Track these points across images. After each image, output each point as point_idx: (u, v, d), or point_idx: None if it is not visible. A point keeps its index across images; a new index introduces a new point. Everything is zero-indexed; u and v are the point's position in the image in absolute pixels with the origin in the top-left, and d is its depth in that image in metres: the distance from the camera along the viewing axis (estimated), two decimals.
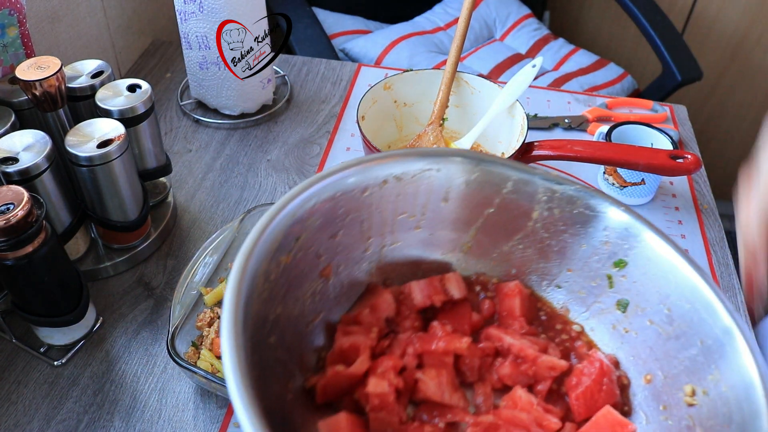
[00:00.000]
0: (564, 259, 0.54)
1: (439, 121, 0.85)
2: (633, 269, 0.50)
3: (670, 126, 1.01)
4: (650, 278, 0.49)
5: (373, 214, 0.51)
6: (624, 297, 0.51)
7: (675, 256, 0.48)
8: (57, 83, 0.65)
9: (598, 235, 0.51)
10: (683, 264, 0.47)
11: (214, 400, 0.64)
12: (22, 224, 0.55)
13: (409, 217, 0.53)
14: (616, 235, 0.50)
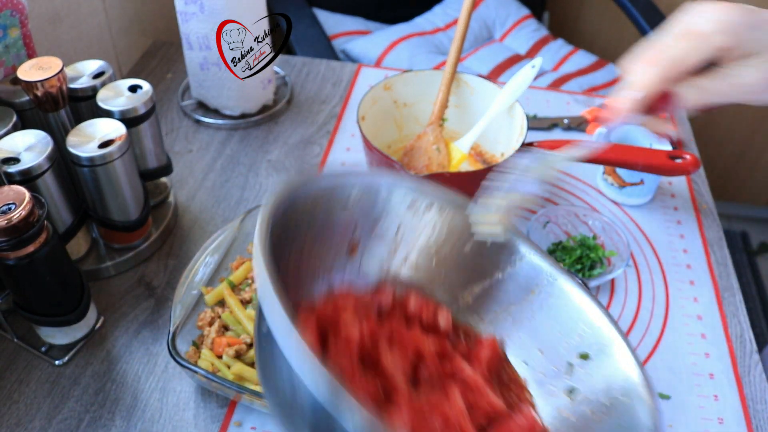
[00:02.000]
0: (536, 337, 0.55)
1: (439, 121, 0.85)
2: (593, 362, 0.52)
3: (669, 126, 1.01)
4: (602, 376, 0.51)
5: (407, 230, 0.55)
6: (576, 385, 0.52)
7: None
8: (58, 84, 0.66)
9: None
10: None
11: (214, 399, 0.64)
12: (24, 224, 0.56)
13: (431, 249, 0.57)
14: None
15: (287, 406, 0.39)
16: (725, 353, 0.71)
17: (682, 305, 0.76)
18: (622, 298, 0.76)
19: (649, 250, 0.82)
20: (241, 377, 0.61)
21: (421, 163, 0.82)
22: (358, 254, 0.55)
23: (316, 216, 0.51)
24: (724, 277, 0.79)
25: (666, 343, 0.71)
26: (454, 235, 0.56)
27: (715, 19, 0.45)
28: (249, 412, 0.63)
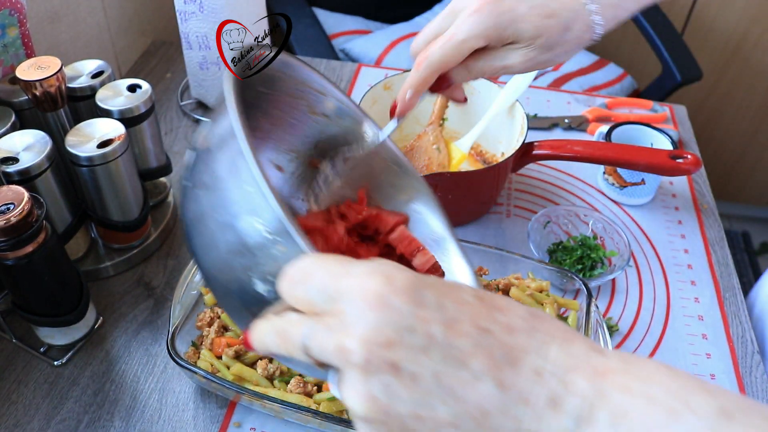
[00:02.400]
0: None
1: (439, 121, 0.85)
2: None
3: (669, 126, 1.01)
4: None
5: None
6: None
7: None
8: (57, 83, 0.65)
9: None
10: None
11: (214, 400, 0.64)
12: (23, 224, 0.55)
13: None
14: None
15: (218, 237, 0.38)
16: (726, 354, 0.70)
17: (683, 305, 0.75)
18: (623, 298, 0.76)
19: (650, 250, 0.82)
20: (240, 378, 0.61)
21: (422, 163, 0.82)
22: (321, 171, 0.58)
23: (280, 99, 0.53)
24: (726, 277, 0.79)
25: (667, 344, 0.71)
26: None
27: (471, 27, 0.52)
28: (248, 413, 0.63)
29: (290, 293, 0.32)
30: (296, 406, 0.56)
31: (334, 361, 0.30)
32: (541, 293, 0.68)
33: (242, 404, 0.63)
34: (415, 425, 0.29)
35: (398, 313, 0.29)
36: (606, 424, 0.27)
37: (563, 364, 0.29)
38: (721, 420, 0.26)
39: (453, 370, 0.28)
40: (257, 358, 0.62)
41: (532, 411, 0.28)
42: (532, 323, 0.30)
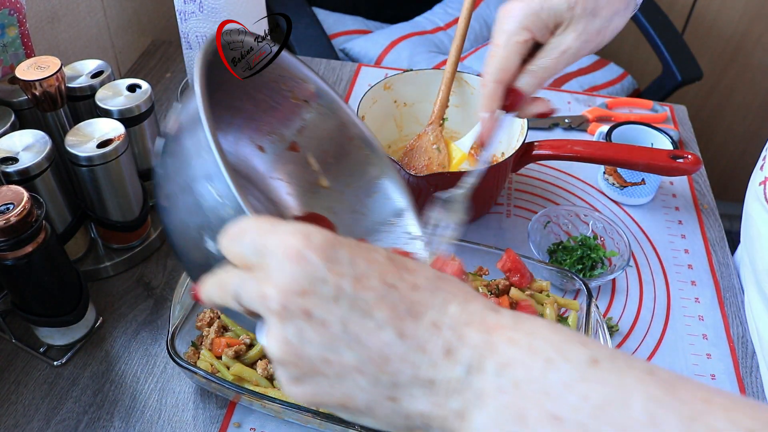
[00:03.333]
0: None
1: (439, 121, 0.85)
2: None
3: (670, 126, 1.01)
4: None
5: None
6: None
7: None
8: (57, 83, 0.65)
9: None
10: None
11: (213, 400, 0.64)
12: (22, 224, 0.55)
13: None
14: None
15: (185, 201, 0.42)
16: (727, 354, 0.70)
17: (683, 306, 0.75)
18: (623, 298, 0.76)
19: (651, 251, 0.82)
20: (240, 378, 0.61)
21: (422, 162, 0.82)
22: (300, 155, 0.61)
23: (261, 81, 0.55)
24: (726, 277, 0.79)
25: (667, 344, 0.71)
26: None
27: (510, 24, 0.54)
28: (248, 413, 0.63)
29: (228, 248, 0.35)
30: (296, 406, 0.56)
31: (259, 308, 0.33)
32: (541, 293, 0.67)
33: (242, 404, 0.63)
34: (323, 368, 0.32)
35: (313, 267, 0.32)
36: (492, 372, 0.30)
37: (460, 319, 0.32)
38: (590, 367, 0.29)
39: (359, 319, 0.31)
40: (257, 358, 0.62)
41: (429, 359, 0.31)
42: (437, 284, 0.33)
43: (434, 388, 0.31)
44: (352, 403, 0.33)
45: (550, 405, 0.29)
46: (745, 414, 0.27)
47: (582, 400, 0.28)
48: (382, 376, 0.32)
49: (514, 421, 0.29)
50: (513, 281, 0.67)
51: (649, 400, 0.28)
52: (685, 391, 0.28)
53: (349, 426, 0.56)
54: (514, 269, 0.67)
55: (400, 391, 0.32)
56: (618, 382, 0.29)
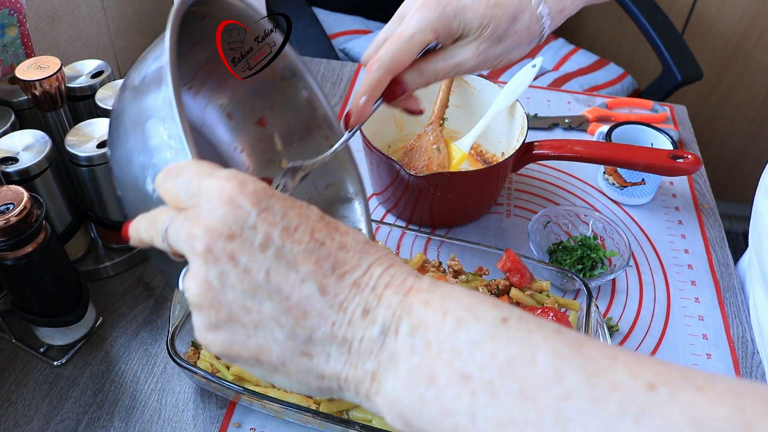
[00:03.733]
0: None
1: (439, 121, 0.85)
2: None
3: (670, 126, 1.01)
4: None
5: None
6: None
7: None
8: (57, 83, 0.65)
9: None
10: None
11: (213, 400, 0.64)
12: (22, 224, 0.55)
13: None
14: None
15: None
16: (727, 354, 0.70)
17: (683, 306, 0.75)
18: (623, 298, 0.76)
19: (651, 251, 0.82)
20: (240, 378, 0.61)
21: (422, 163, 0.82)
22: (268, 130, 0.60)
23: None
24: (726, 277, 0.79)
25: (667, 344, 0.71)
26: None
27: (419, 20, 0.52)
28: (248, 413, 0.63)
29: (162, 185, 0.35)
30: (296, 406, 0.56)
31: (184, 247, 0.33)
32: (541, 293, 0.67)
33: (242, 404, 0.63)
34: (241, 315, 0.32)
35: (244, 212, 0.32)
36: (405, 333, 0.30)
37: (380, 281, 0.32)
38: (499, 326, 0.29)
39: (283, 270, 0.31)
40: None
41: (347, 317, 0.31)
42: (364, 247, 0.33)
43: (350, 348, 0.31)
44: (266, 356, 0.33)
45: (459, 363, 0.29)
46: (645, 368, 0.27)
47: (490, 358, 0.29)
48: (298, 329, 0.32)
49: (425, 382, 0.29)
50: (513, 281, 0.67)
51: (555, 357, 0.28)
52: (590, 349, 0.28)
53: (349, 426, 0.56)
54: (514, 269, 0.67)
55: (316, 348, 0.32)
56: (526, 339, 0.29)
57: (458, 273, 0.69)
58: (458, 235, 0.81)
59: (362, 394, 0.32)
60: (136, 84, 0.42)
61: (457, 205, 0.80)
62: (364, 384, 0.32)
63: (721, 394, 0.25)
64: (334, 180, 0.61)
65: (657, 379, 0.26)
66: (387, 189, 0.81)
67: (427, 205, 0.79)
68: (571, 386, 0.27)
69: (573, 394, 0.27)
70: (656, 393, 0.26)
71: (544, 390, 0.27)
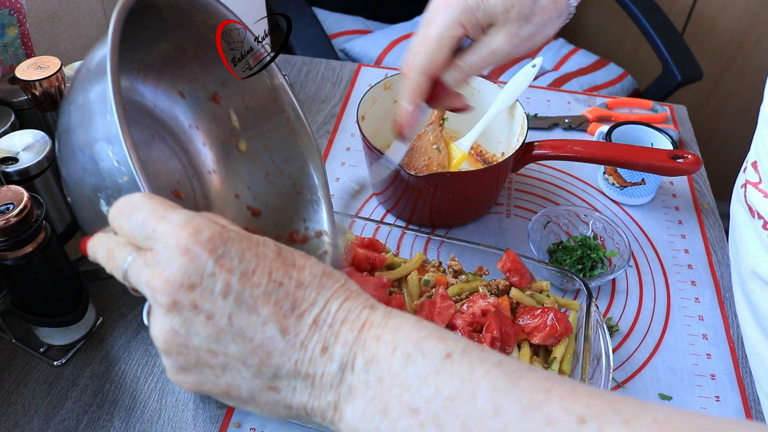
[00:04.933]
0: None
1: (439, 121, 0.85)
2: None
3: (670, 126, 1.01)
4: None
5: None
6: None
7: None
8: (57, 83, 0.65)
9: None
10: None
11: (213, 400, 0.64)
12: (22, 224, 0.55)
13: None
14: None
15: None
16: (727, 354, 0.70)
17: (683, 305, 0.75)
18: (623, 298, 0.76)
19: (650, 251, 0.82)
20: None
21: (421, 163, 0.82)
22: (222, 107, 0.60)
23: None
24: (726, 277, 0.79)
25: (667, 344, 0.71)
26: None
27: (445, 17, 0.53)
28: (248, 413, 0.63)
29: (116, 222, 0.36)
30: None
31: (145, 293, 0.34)
32: (541, 293, 0.67)
33: None
34: (208, 358, 0.33)
35: (201, 262, 0.32)
36: (360, 368, 0.32)
37: (337, 317, 0.33)
38: (443, 361, 0.31)
39: (245, 314, 0.33)
40: None
41: (308, 355, 0.33)
42: (321, 281, 0.34)
43: (313, 382, 0.33)
44: (236, 392, 0.34)
45: (408, 398, 0.31)
46: (578, 402, 0.29)
47: (435, 392, 0.30)
48: (264, 368, 0.33)
49: (378, 414, 0.31)
50: (513, 281, 0.67)
51: (494, 392, 0.30)
52: (527, 382, 0.30)
53: None
54: (514, 269, 0.67)
55: (282, 383, 0.33)
56: (468, 374, 0.31)
57: (458, 273, 0.69)
58: (458, 235, 0.81)
59: (327, 420, 0.34)
60: (80, 99, 0.41)
61: (457, 205, 0.80)
62: (328, 413, 0.33)
63: (645, 426, 0.27)
64: (290, 154, 0.61)
65: (588, 413, 0.28)
66: (387, 189, 0.81)
67: (427, 205, 0.79)
68: (508, 420, 0.29)
69: (510, 427, 0.29)
70: (586, 427, 0.28)
71: (484, 423, 0.29)
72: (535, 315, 0.63)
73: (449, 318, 0.61)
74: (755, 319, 0.65)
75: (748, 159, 0.69)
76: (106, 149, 0.38)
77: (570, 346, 0.63)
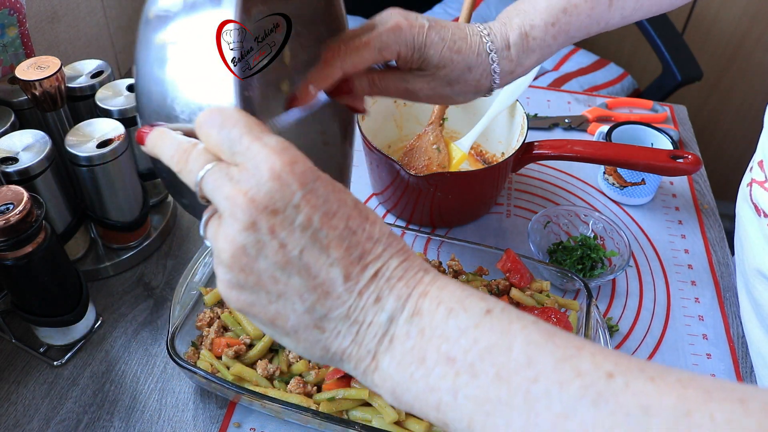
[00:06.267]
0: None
1: (439, 121, 0.85)
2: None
3: (670, 126, 1.01)
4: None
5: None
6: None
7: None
8: (57, 83, 0.65)
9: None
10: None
11: (213, 400, 0.64)
12: (22, 224, 0.55)
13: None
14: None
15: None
16: (727, 354, 0.70)
17: (683, 306, 0.75)
18: (623, 298, 0.76)
19: (651, 251, 0.82)
20: (240, 378, 0.61)
21: (422, 162, 0.82)
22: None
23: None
24: (726, 277, 0.79)
25: (667, 344, 0.71)
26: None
27: (385, 39, 0.54)
28: (248, 413, 0.63)
29: (204, 129, 0.36)
30: (296, 407, 0.56)
31: (221, 205, 0.34)
32: (541, 293, 0.67)
33: (242, 404, 0.63)
34: (268, 283, 0.34)
35: (290, 191, 0.33)
36: (404, 320, 0.34)
37: (396, 274, 0.35)
38: (484, 316, 0.33)
39: (316, 252, 0.34)
40: (257, 358, 0.62)
41: (361, 303, 0.34)
42: (389, 240, 0.36)
43: (359, 329, 0.34)
44: (282, 322, 0.35)
45: (447, 348, 0.33)
46: (607, 359, 0.30)
47: (473, 344, 0.32)
48: (318, 306, 0.34)
49: (416, 362, 0.33)
50: (513, 281, 0.67)
51: (529, 344, 0.31)
52: (560, 339, 0.32)
53: (349, 426, 0.56)
54: (514, 269, 0.67)
55: (329, 324, 0.35)
56: (505, 329, 0.32)
57: (458, 273, 0.69)
58: (458, 235, 0.81)
59: (360, 369, 0.35)
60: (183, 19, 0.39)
61: (457, 205, 0.80)
62: (364, 362, 0.35)
63: (669, 385, 0.29)
64: (327, 103, 0.59)
65: (616, 369, 0.30)
66: (387, 189, 0.81)
67: (427, 205, 0.79)
68: (540, 370, 0.30)
69: (541, 377, 0.30)
70: (613, 381, 0.29)
71: (517, 373, 0.31)
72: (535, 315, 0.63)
73: None
74: (759, 318, 0.65)
75: (755, 158, 0.69)
76: (208, 48, 0.37)
77: None
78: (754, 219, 0.65)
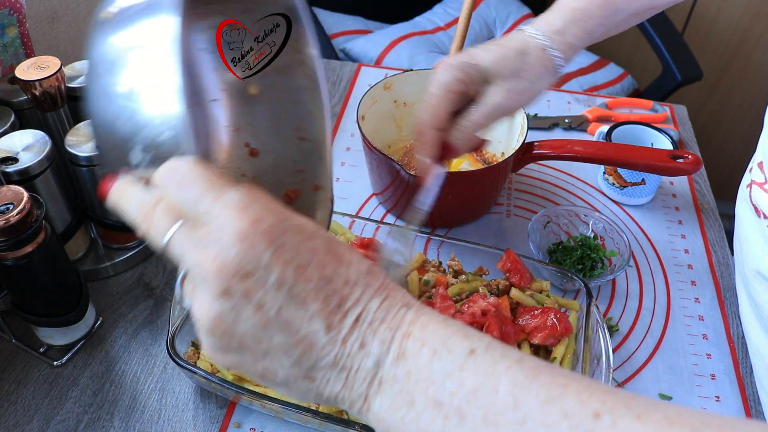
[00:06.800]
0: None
1: None
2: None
3: (670, 126, 1.01)
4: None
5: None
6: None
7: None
8: (57, 83, 0.65)
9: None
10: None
11: (213, 400, 0.64)
12: (22, 224, 0.55)
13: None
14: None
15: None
16: (727, 354, 0.70)
17: (683, 306, 0.75)
18: (623, 298, 0.76)
19: (650, 251, 0.82)
20: (240, 378, 0.61)
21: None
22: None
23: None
24: (726, 277, 0.79)
25: (667, 344, 0.71)
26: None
27: (444, 75, 0.58)
28: (248, 413, 0.63)
29: (164, 186, 0.35)
30: (296, 407, 0.56)
31: (192, 271, 0.34)
32: (541, 293, 0.67)
33: (242, 404, 0.63)
34: (251, 344, 0.34)
35: (259, 252, 0.33)
36: (390, 363, 0.34)
37: (378, 317, 0.35)
38: (468, 357, 0.33)
39: (294, 308, 0.33)
40: None
41: (347, 351, 0.34)
42: (367, 279, 0.35)
43: (348, 375, 0.35)
44: (271, 377, 0.35)
45: (433, 391, 0.33)
46: (593, 397, 0.31)
47: (459, 387, 0.32)
48: (304, 359, 0.34)
49: (405, 406, 0.33)
50: (513, 281, 0.67)
51: (514, 386, 0.32)
52: (545, 377, 0.32)
53: (349, 426, 0.56)
54: (514, 269, 0.67)
55: (318, 374, 0.35)
56: (489, 370, 0.33)
57: (458, 273, 0.69)
58: (458, 235, 0.81)
59: (355, 409, 0.35)
60: (130, 39, 0.37)
61: (457, 205, 0.80)
62: (357, 403, 0.35)
63: (656, 422, 0.29)
64: (299, 98, 0.59)
65: (602, 408, 0.30)
66: (387, 189, 0.81)
67: None
68: (526, 412, 0.31)
69: (528, 420, 0.31)
70: (600, 420, 0.30)
71: (504, 416, 0.31)
72: (535, 315, 0.63)
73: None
74: (758, 319, 0.65)
75: (754, 159, 0.69)
76: (155, 97, 0.35)
77: (570, 347, 0.63)
78: (753, 220, 0.65)
